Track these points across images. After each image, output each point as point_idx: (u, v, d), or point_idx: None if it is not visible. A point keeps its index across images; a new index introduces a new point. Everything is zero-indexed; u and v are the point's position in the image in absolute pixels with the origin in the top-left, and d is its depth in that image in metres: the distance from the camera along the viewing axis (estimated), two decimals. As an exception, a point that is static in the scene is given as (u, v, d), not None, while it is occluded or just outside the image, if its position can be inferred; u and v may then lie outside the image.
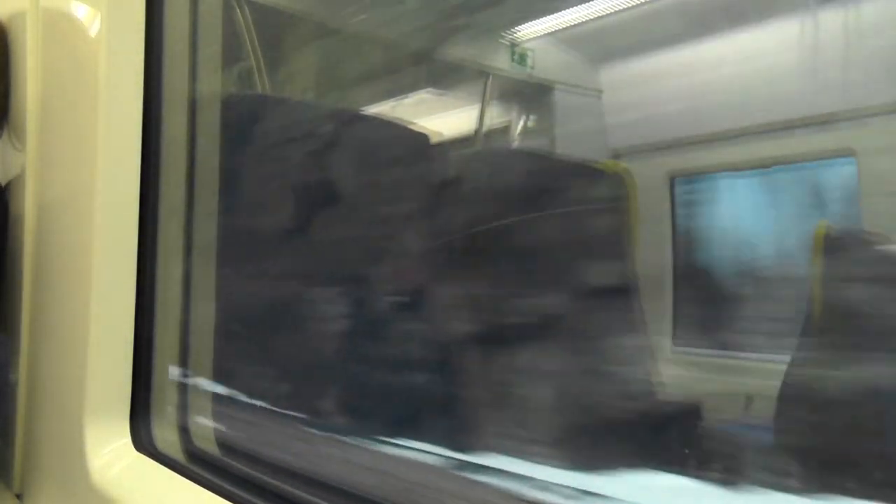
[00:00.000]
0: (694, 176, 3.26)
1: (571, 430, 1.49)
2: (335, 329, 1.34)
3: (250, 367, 1.21)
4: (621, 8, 2.97)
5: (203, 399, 1.11)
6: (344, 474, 0.93)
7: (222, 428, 1.08)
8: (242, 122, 1.29)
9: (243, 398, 1.16)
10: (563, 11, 3.15)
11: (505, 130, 3.68)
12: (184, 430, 1.06)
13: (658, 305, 3.15)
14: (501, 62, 3.34)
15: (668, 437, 1.70)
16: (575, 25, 3.24)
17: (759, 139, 2.76)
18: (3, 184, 1.28)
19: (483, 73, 3.40)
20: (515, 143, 3.64)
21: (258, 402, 1.16)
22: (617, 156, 3.23)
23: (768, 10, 2.59)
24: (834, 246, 1.92)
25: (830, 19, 2.26)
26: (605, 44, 3.33)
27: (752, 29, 2.66)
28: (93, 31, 1.08)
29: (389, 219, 1.46)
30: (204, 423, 1.08)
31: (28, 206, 1.19)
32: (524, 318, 1.62)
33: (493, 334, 1.58)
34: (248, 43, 2.23)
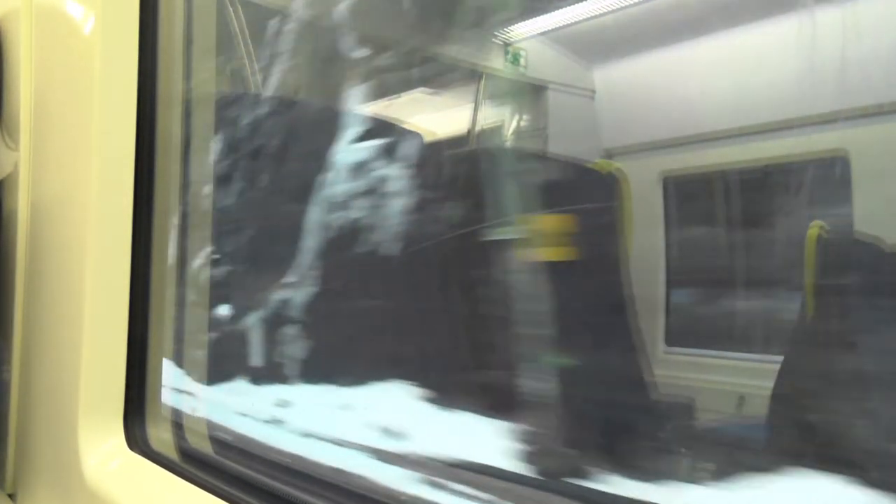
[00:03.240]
0: (686, 176, 3.26)
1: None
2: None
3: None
4: (615, 8, 2.97)
5: (196, 398, 1.11)
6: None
7: (216, 426, 1.08)
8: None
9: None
10: (556, 11, 3.16)
11: (498, 130, 3.68)
12: (177, 429, 1.06)
13: (651, 306, 3.16)
14: (495, 62, 3.34)
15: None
16: (568, 25, 3.25)
17: (752, 140, 2.77)
18: (-3, 182, 1.28)
19: (476, 73, 3.40)
20: (508, 143, 3.64)
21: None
22: (609, 155, 3.24)
23: (762, 11, 2.59)
24: (827, 247, 1.92)
25: (824, 20, 2.26)
26: (598, 44, 3.33)
27: (745, 30, 2.67)
28: (87, 29, 1.08)
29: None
30: (197, 422, 1.08)
31: (22, 205, 1.18)
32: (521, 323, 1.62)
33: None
34: (240, 41, 2.23)
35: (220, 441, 1.04)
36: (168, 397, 1.07)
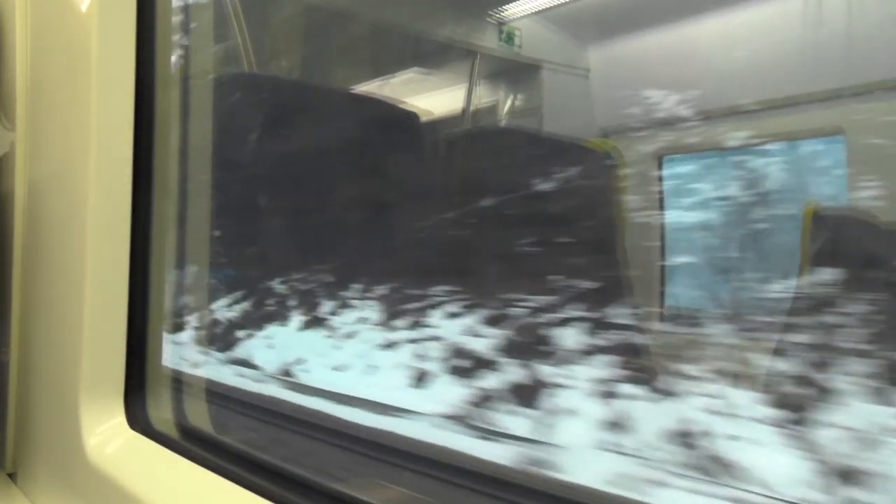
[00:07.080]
0: (683, 154, 3.26)
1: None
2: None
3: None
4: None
5: (197, 376, 1.11)
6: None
7: (216, 405, 1.08)
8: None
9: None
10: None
11: (493, 109, 3.67)
12: (178, 408, 1.06)
13: (647, 284, 3.16)
14: (489, 41, 3.33)
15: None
16: (563, 4, 3.24)
17: (748, 118, 2.77)
18: (-7, 162, 1.27)
19: (471, 53, 3.39)
20: (503, 122, 3.64)
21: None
22: (605, 134, 3.24)
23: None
24: (823, 224, 1.92)
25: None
26: (593, 22, 3.32)
27: (741, 7, 2.66)
28: (83, 5, 1.07)
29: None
30: (198, 400, 1.08)
31: (18, 185, 1.18)
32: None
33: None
34: (234, 21, 2.22)
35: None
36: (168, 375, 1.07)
